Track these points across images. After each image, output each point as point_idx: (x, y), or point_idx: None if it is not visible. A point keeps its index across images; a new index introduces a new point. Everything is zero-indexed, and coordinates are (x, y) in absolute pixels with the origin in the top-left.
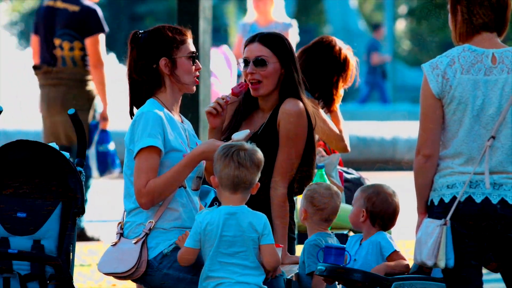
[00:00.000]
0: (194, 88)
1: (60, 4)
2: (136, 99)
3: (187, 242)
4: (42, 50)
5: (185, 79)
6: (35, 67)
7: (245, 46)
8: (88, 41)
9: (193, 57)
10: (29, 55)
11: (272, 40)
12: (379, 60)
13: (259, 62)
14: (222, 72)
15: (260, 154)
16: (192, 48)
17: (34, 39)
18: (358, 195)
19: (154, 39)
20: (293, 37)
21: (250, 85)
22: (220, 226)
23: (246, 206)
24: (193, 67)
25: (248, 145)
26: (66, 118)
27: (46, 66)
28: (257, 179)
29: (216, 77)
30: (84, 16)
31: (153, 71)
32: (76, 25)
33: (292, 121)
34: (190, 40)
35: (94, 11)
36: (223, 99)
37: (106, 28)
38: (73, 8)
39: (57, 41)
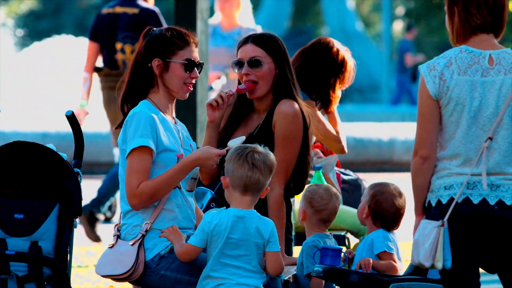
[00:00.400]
0: (186, 95)
1: (119, 9)
2: (131, 94)
3: (192, 240)
4: (104, 56)
5: (174, 84)
6: (97, 69)
7: (238, 48)
8: None
9: (187, 65)
10: (26, 57)
11: (266, 41)
12: (413, 60)
13: (254, 63)
14: None
15: (272, 157)
16: (191, 56)
17: (91, 45)
18: (366, 191)
19: (155, 38)
20: None
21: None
22: (228, 228)
23: (255, 210)
24: (188, 74)
25: (261, 148)
26: None
27: (108, 69)
28: (268, 183)
29: None
30: (144, 17)
31: (147, 70)
32: (137, 27)
33: (288, 122)
34: (192, 48)
35: (154, 12)
36: (226, 93)
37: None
38: (133, 10)
39: (118, 45)
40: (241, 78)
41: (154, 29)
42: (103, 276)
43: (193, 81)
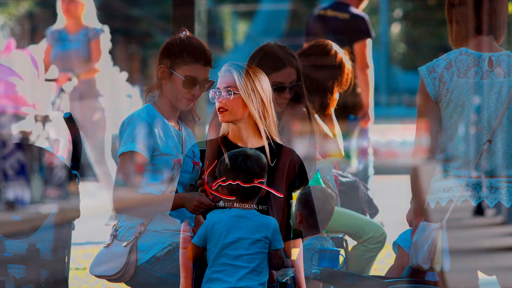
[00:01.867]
0: (186, 107)
1: (330, 13)
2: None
3: (194, 239)
4: None
5: (172, 95)
6: None
7: (276, 69)
8: (357, 46)
9: (185, 82)
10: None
11: (296, 61)
12: None
13: (293, 87)
14: (28, 74)
15: (263, 156)
16: (194, 73)
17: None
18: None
19: (169, 45)
20: (105, 43)
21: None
22: (227, 227)
23: (256, 210)
24: (186, 90)
25: (251, 152)
26: None
27: None
28: (264, 182)
29: (21, 79)
30: (353, 22)
31: (156, 72)
32: (346, 31)
33: (295, 124)
34: (198, 66)
35: (363, 18)
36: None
37: (373, 34)
38: (344, 15)
39: None
40: (276, 99)
41: (184, 32)
42: (96, 276)
43: (195, 96)
